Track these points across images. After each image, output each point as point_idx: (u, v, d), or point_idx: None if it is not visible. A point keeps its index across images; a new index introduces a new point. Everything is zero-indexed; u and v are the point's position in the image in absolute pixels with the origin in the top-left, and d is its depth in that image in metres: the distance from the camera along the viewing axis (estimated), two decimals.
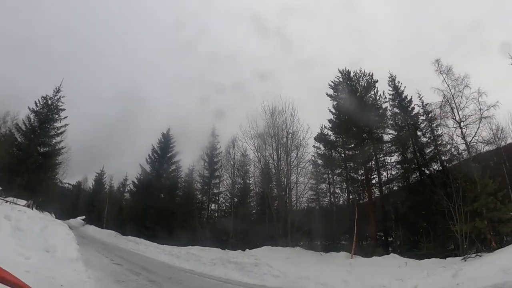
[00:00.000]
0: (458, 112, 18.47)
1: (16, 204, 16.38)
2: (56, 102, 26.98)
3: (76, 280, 8.03)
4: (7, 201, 16.30)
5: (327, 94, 24.96)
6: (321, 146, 24.80)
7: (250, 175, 28.15)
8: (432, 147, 21.29)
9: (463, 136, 18.21)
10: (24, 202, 18.19)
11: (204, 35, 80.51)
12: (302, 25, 78.81)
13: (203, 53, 74.80)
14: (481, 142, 18.38)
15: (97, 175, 45.27)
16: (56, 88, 27.18)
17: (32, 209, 17.67)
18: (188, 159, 31.66)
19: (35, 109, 26.48)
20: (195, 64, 73.25)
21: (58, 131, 26.88)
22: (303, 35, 72.44)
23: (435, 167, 21.21)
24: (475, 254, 14.37)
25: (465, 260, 13.95)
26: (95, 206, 41.40)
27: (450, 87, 18.83)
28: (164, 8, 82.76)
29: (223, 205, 29.38)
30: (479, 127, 17.87)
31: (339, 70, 25.20)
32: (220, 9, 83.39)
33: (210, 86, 66.42)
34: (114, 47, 73.89)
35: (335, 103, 24.70)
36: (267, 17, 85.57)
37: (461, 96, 18.45)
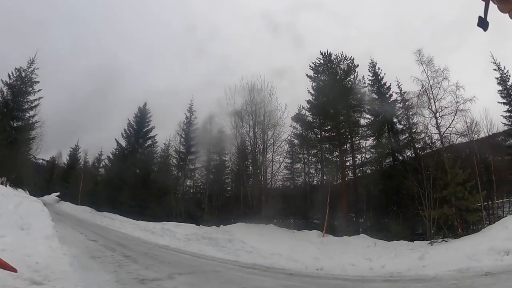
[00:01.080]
0: (434, 102, 19.14)
1: None
2: (30, 74, 25.87)
3: (51, 257, 8.02)
4: None
5: (307, 75, 25.04)
6: (298, 126, 25.03)
7: (226, 152, 27.98)
8: (407, 135, 21.84)
9: (438, 126, 18.97)
10: None
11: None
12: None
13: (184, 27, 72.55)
14: (454, 134, 19.17)
15: (71, 150, 43.93)
16: (30, 60, 26.09)
17: (6, 186, 17.28)
18: (165, 134, 31.31)
19: (8, 82, 25.28)
20: (175, 39, 71.16)
21: (32, 105, 25.89)
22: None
23: (408, 153, 21.92)
24: (441, 239, 15.18)
25: (432, 244, 14.69)
26: (69, 182, 40.27)
27: (429, 78, 19.48)
28: None
29: (199, 181, 29.14)
30: (454, 119, 18.67)
31: (320, 52, 25.19)
32: None
33: (189, 61, 64.98)
34: (90, 19, 70.65)
35: (314, 84, 24.81)
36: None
37: (439, 87, 19.12)
